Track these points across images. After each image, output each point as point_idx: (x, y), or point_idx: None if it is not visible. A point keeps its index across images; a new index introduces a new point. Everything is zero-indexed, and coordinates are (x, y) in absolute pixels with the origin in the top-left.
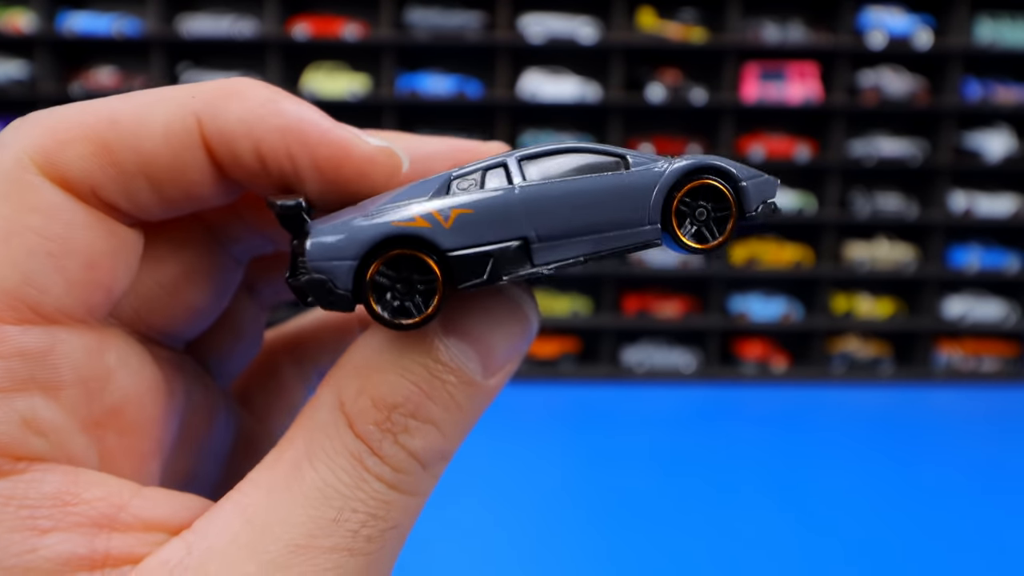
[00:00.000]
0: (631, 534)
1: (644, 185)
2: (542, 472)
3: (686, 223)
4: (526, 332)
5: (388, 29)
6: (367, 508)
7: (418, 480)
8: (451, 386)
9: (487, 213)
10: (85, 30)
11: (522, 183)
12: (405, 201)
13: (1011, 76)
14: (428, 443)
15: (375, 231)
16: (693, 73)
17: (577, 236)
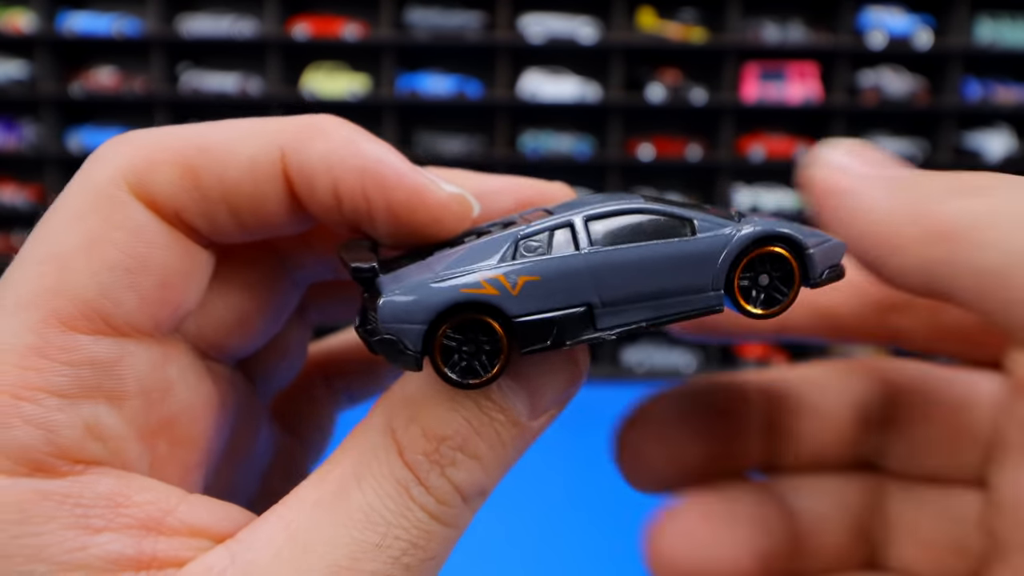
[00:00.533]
0: (631, 533)
1: (711, 252)
2: (542, 472)
3: (750, 290)
4: (576, 381)
5: (388, 29)
6: (409, 536)
7: (458, 514)
8: (499, 424)
9: (554, 280)
10: (85, 30)
11: (588, 248)
12: (474, 264)
13: (1011, 76)
14: (472, 478)
15: (445, 296)
16: (693, 73)
17: (641, 302)
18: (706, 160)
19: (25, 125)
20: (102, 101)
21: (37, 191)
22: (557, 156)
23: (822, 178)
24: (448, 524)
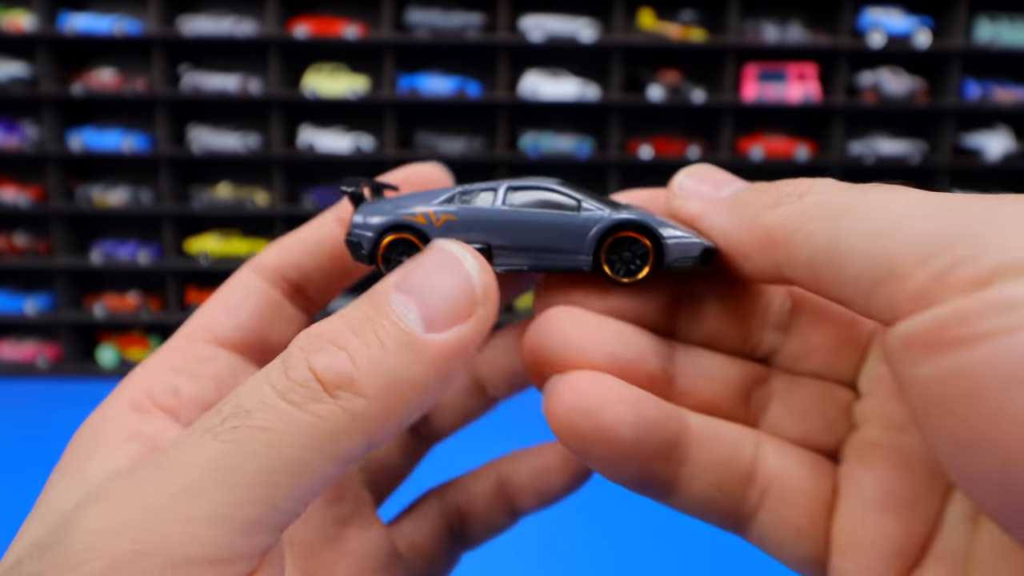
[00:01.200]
0: (631, 533)
1: (586, 227)
2: None
3: (614, 261)
4: (469, 295)
5: (388, 30)
6: (243, 402)
7: (310, 396)
8: (381, 329)
9: (465, 221)
10: (86, 31)
11: (497, 206)
12: (420, 202)
13: (1010, 77)
14: (332, 362)
15: (390, 218)
16: (693, 74)
17: (527, 251)
18: (706, 159)
19: (26, 125)
20: (103, 101)
21: (38, 191)
22: (557, 156)
23: (676, 207)
24: (291, 402)
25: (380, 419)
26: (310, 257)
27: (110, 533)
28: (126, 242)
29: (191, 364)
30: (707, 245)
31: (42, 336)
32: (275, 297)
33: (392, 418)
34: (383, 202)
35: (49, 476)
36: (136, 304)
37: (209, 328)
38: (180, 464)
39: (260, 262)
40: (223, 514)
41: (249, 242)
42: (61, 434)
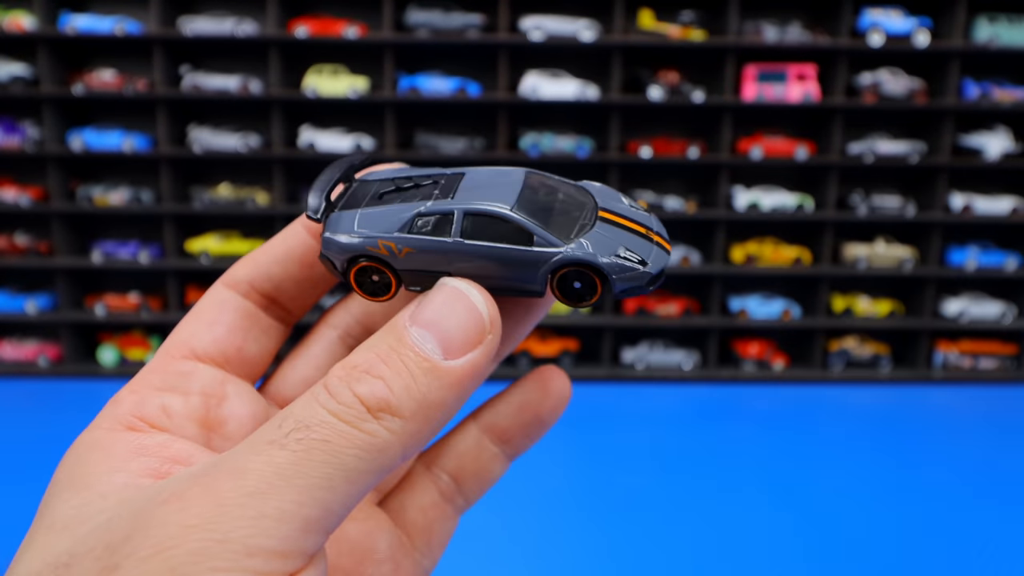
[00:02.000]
0: (631, 532)
1: (537, 262)
2: (542, 471)
3: (566, 289)
4: (479, 325)
5: (388, 31)
6: (302, 418)
7: (357, 416)
8: (407, 359)
9: (426, 253)
10: (86, 31)
11: (454, 238)
12: (382, 227)
13: (1008, 78)
14: (371, 390)
15: (357, 247)
16: (693, 74)
17: (486, 275)
18: (706, 160)
19: (27, 125)
20: (104, 101)
21: (39, 191)
22: (557, 156)
23: None
24: (343, 420)
25: (414, 435)
26: (281, 267)
27: (188, 527)
28: (127, 242)
29: (175, 381)
30: (653, 272)
31: (43, 336)
32: (250, 309)
33: (423, 434)
34: (345, 219)
35: (47, 492)
36: (136, 304)
37: (187, 344)
38: (251, 469)
39: (232, 276)
40: (289, 512)
41: (249, 242)
42: (62, 433)
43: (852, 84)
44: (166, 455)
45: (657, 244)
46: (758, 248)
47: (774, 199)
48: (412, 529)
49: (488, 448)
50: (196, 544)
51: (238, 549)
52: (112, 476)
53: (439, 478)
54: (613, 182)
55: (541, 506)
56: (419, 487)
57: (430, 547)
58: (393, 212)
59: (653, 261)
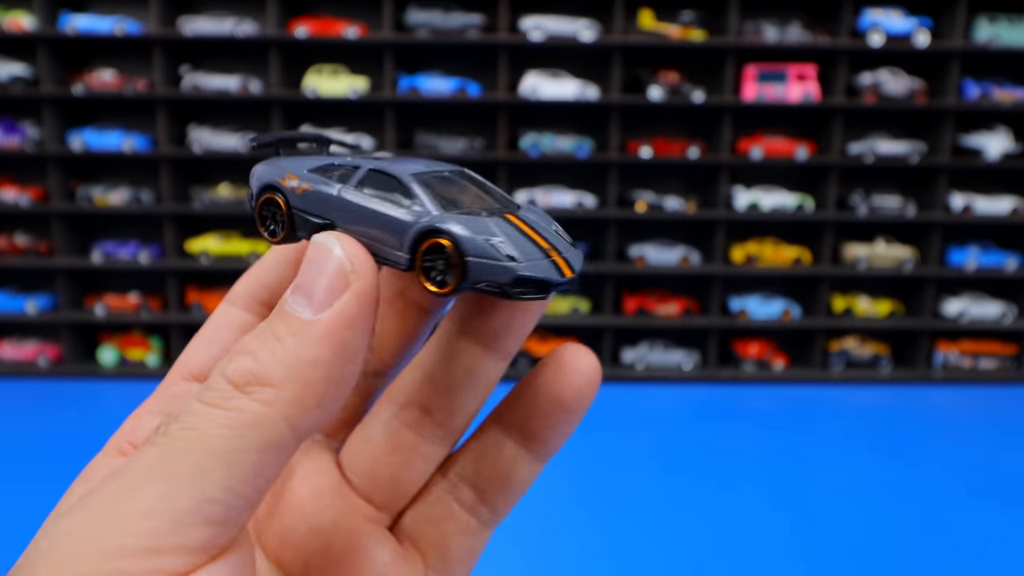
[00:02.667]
0: (631, 532)
1: (407, 227)
2: (542, 470)
3: (429, 268)
4: (340, 270)
5: (388, 31)
6: (173, 414)
7: (223, 396)
8: (276, 326)
9: (317, 196)
10: (86, 31)
11: (343, 189)
12: (296, 167)
13: (1008, 78)
14: (238, 366)
15: (268, 178)
16: (693, 74)
17: (362, 236)
18: (706, 159)
19: (27, 125)
20: (104, 102)
21: (39, 191)
22: (557, 156)
23: None
24: (211, 403)
25: (295, 402)
26: (275, 272)
27: (61, 536)
28: (127, 242)
29: (170, 404)
30: (522, 274)
31: (43, 336)
32: (249, 322)
33: (306, 399)
34: (281, 161)
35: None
36: (136, 304)
37: (186, 366)
38: (122, 471)
39: (233, 292)
40: (154, 507)
41: (249, 242)
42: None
43: (852, 84)
44: None
45: (552, 261)
46: (758, 248)
47: (774, 199)
48: (423, 543)
49: (508, 445)
50: (61, 554)
51: (98, 552)
52: None
53: (456, 486)
54: (613, 182)
55: (541, 506)
56: (432, 498)
57: (447, 563)
58: (318, 160)
59: (529, 266)
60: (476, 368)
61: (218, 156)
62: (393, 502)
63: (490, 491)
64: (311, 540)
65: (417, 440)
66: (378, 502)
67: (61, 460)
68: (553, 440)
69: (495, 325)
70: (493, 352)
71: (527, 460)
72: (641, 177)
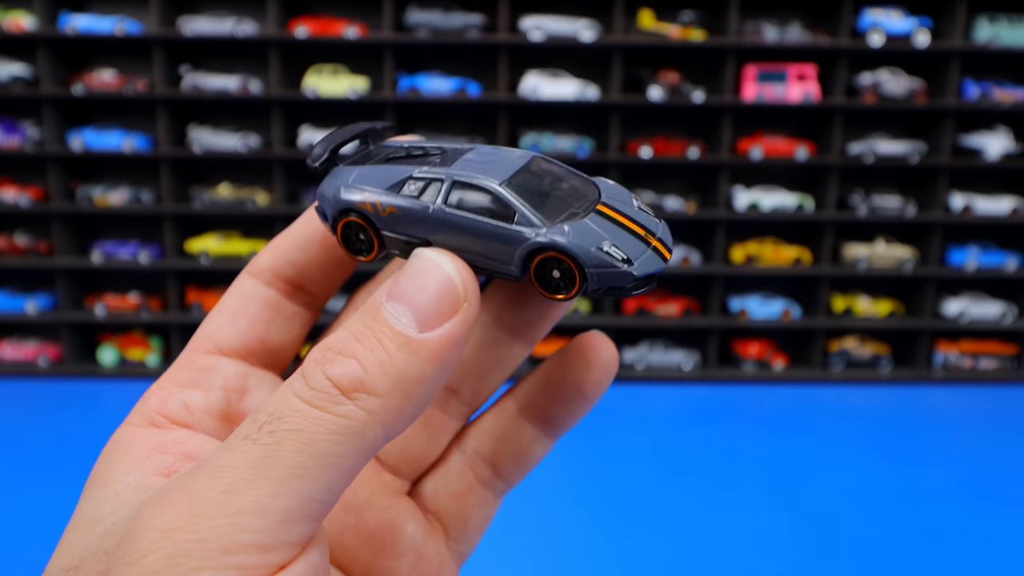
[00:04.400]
0: (631, 532)
1: (515, 242)
2: (542, 470)
3: (543, 276)
4: (452, 295)
5: (388, 31)
6: (274, 411)
7: (331, 400)
8: (381, 335)
9: (408, 217)
10: (87, 31)
11: (437, 205)
12: (372, 184)
13: (1008, 78)
14: (345, 371)
15: (344, 202)
16: (693, 74)
17: (462, 251)
18: (706, 159)
19: (27, 125)
20: (104, 102)
21: (39, 192)
22: (557, 156)
23: None
24: (317, 406)
25: (394, 412)
26: (302, 252)
27: (169, 530)
28: (127, 242)
29: (198, 377)
30: (637, 275)
31: (43, 336)
32: (273, 298)
33: (404, 409)
34: (345, 172)
35: (82, 492)
36: (136, 304)
37: (211, 339)
38: (225, 467)
39: (255, 265)
40: (265, 505)
41: (249, 242)
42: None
43: (852, 84)
44: (182, 451)
45: (654, 248)
46: (758, 248)
47: (774, 199)
48: (446, 516)
49: (527, 429)
50: (174, 547)
51: (216, 548)
52: (128, 475)
53: (475, 462)
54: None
55: (541, 506)
56: (453, 472)
57: (466, 533)
58: (389, 172)
59: (641, 263)
60: (506, 355)
61: (218, 156)
62: (415, 471)
63: (507, 467)
64: (346, 516)
65: (443, 417)
66: (404, 473)
67: (61, 460)
68: (569, 422)
69: (529, 317)
70: (522, 341)
71: (543, 440)
72: (641, 177)
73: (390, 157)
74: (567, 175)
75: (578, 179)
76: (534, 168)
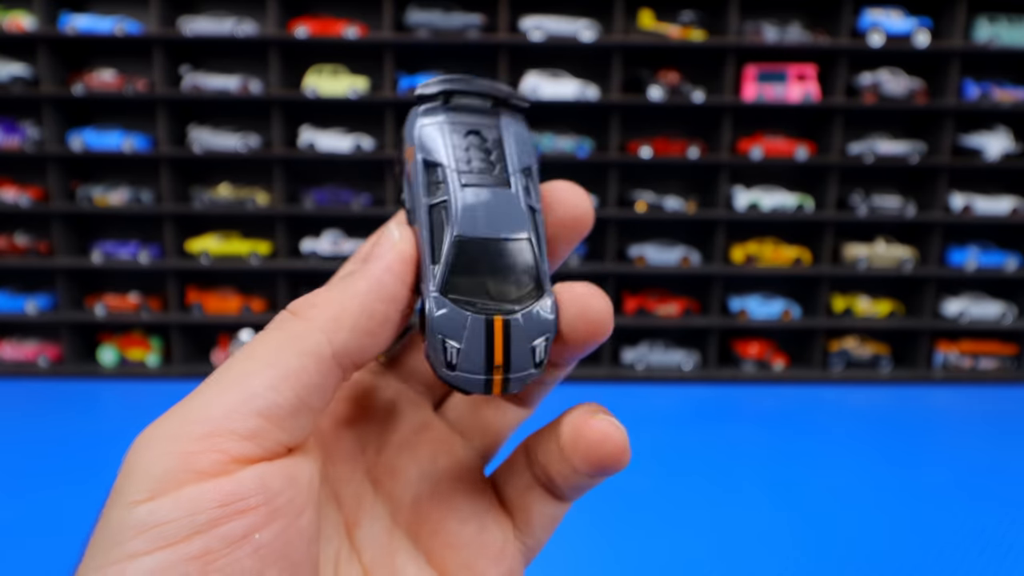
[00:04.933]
0: (631, 532)
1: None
2: None
3: None
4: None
5: (388, 31)
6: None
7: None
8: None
9: (413, 188)
10: (87, 32)
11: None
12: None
13: (1008, 78)
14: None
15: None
16: (693, 74)
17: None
18: (706, 159)
19: (27, 125)
20: (104, 102)
21: (39, 192)
22: (557, 156)
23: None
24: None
25: (332, 319)
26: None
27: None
28: (127, 242)
29: None
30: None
31: (43, 336)
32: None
33: (343, 319)
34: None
35: None
36: (136, 304)
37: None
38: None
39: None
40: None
41: (249, 242)
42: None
43: (852, 84)
44: None
45: (487, 379)
46: (758, 248)
47: (774, 199)
48: (511, 507)
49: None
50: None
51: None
52: None
53: (534, 465)
54: (613, 182)
55: None
56: (516, 467)
57: (530, 527)
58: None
59: (455, 376)
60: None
61: (218, 156)
62: (489, 448)
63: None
64: (420, 483)
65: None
66: (478, 447)
67: (61, 460)
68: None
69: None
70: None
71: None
72: (641, 177)
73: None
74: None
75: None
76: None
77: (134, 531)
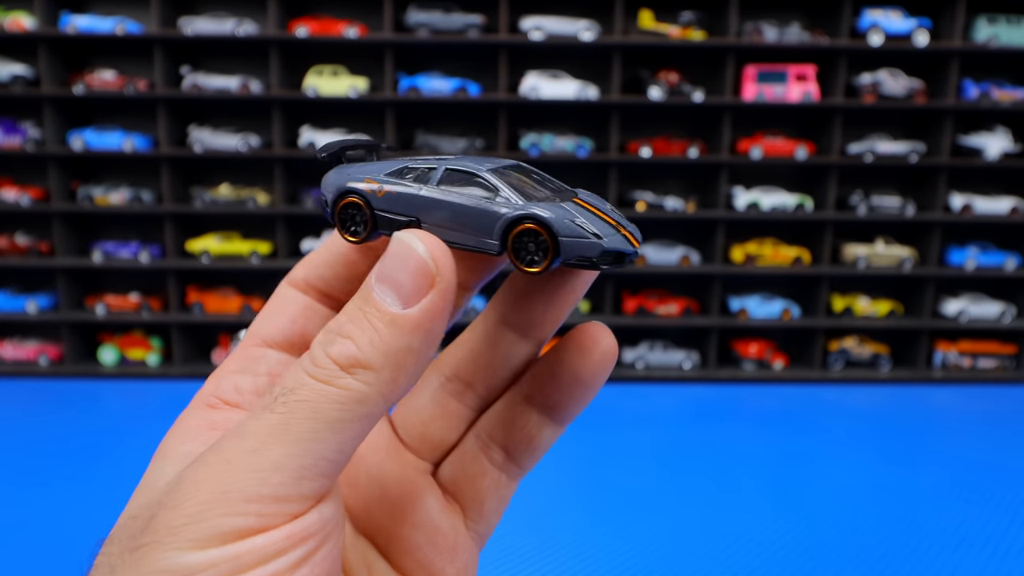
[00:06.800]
0: (631, 532)
1: (496, 216)
2: (542, 470)
3: (519, 250)
4: (425, 271)
5: (388, 31)
6: (288, 385)
7: (332, 375)
8: (370, 315)
9: (400, 198)
10: (87, 31)
11: (426, 188)
12: (371, 173)
13: (1008, 78)
14: (342, 349)
15: (344, 186)
16: (693, 74)
17: (447, 229)
18: (706, 159)
19: (28, 126)
20: (104, 102)
21: (39, 192)
22: (557, 156)
23: None
24: (320, 379)
25: (389, 382)
26: (329, 269)
27: (202, 481)
28: (127, 242)
29: (246, 364)
30: (606, 247)
31: (43, 336)
32: (309, 302)
33: (399, 381)
34: (349, 168)
35: (149, 462)
36: (137, 304)
37: (258, 335)
38: (249, 432)
39: (292, 277)
40: (281, 463)
41: (249, 242)
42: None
43: (852, 84)
44: (228, 428)
45: (623, 236)
46: (758, 248)
47: (774, 199)
48: (463, 497)
49: (533, 415)
50: (206, 495)
51: (239, 497)
52: (183, 446)
53: (488, 447)
54: (613, 182)
55: (541, 505)
56: (468, 455)
57: (483, 514)
58: (388, 164)
59: (609, 239)
60: (514, 352)
61: (218, 156)
62: (436, 455)
63: (517, 452)
64: (371, 487)
65: (459, 407)
66: (425, 456)
67: (61, 460)
68: (573, 409)
69: (533, 317)
70: (529, 339)
71: (550, 426)
72: (641, 177)
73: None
74: (547, 180)
75: (557, 183)
76: (515, 170)
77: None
